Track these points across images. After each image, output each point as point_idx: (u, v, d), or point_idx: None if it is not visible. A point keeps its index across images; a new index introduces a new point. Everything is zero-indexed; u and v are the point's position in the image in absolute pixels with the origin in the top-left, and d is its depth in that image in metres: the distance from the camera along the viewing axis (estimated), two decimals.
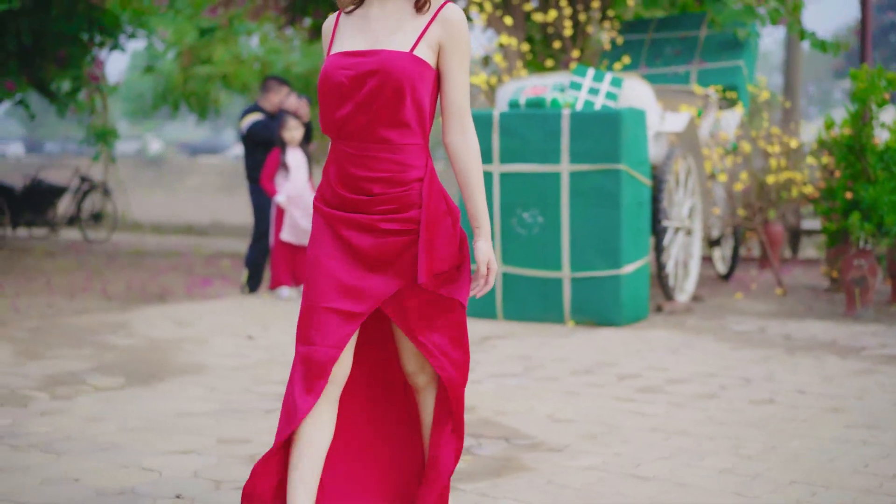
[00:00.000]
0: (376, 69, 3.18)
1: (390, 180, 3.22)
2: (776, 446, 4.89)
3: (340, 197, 3.26)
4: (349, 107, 3.22)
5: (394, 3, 3.28)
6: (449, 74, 3.26)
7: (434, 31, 3.24)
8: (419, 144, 3.24)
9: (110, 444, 4.92)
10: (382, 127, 3.20)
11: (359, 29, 3.29)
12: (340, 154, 3.27)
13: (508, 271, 8.48)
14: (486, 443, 4.98)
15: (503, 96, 9.23)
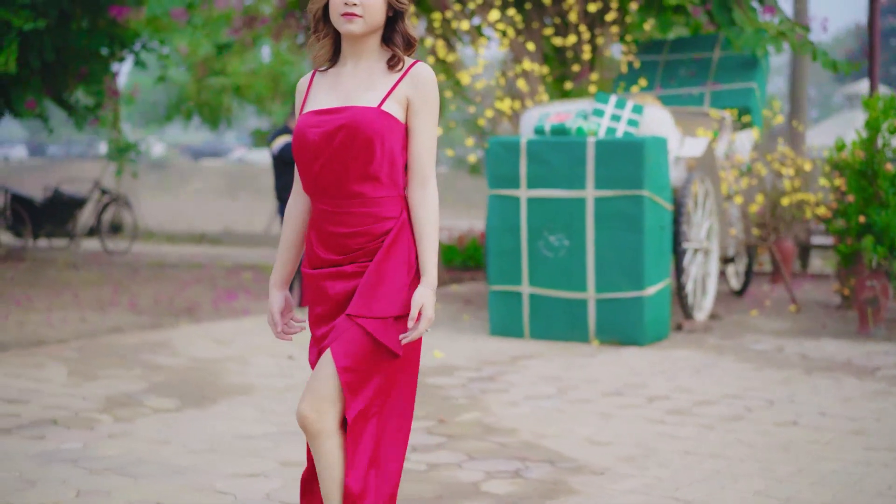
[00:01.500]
0: (345, 124, 3.27)
1: (366, 233, 3.30)
2: (803, 469, 5.23)
3: (321, 259, 3.36)
4: (321, 163, 3.30)
5: (366, 62, 3.36)
6: (416, 131, 3.33)
7: (403, 88, 3.32)
8: (393, 196, 3.32)
9: (180, 467, 5.26)
10: (354, 181, 3.28)
11: (331, 87, 3.38)
12: (318, 213, 3.36)
13: (535, 292, 8.83)
14: (532, 466, 5.31)
15: (528, 122, 9.57)
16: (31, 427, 6.02)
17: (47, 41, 14.95)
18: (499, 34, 10.46)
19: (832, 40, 64.47)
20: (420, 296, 3.28)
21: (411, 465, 5.31)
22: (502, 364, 7.92)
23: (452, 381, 7.31)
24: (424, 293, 3.28)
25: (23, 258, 17.24)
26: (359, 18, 3.26)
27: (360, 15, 3.26)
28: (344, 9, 3.26)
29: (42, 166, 53.68)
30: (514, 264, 8.88)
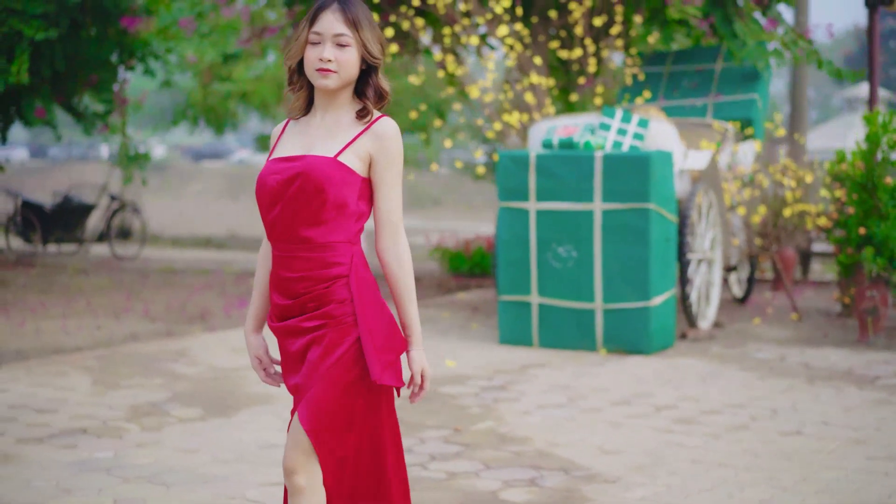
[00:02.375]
0: (300, 172, 3.32)
1: (312, 278, 3.34)
2: (807, 477, 5.46)
3: (277, 306, 3.41)
4: (277, 209, 3.36)
5: (334, 113, 3.42)
6: (380, 186, 3.38)
7: (364, 143, 3.37)
8: (342, 242, 3.36)
9: (210, 476, 5.50)
10: (303, 227, 3.34)
11: (299, 136, 3.44)
12: (274, 259, 3.42)
13: (544, 302, 9.06)
14: (546, 474, 5.55)
15: (536, 135, 9.80)
16: (63, 436, 6.25)
17: (58, 50, 15.18)
18: (506, 48, 10.68)
19: (832, 42, 64.72)
20: (417, 362, 3.37)
21: (431, 474, 5.54)
22: (513, 373, 8.16)
23: (466, 390, 7.54)
24: (420, 356, 3.38)
25: (33, 264, 17.48)
26: (333, 74, 3.33)
27: (334, 70, 3.33)
28: (319, 64, 3.32)
29: (43, 168, 53.91)
30: (524, 275, 9.12)
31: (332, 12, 3.33)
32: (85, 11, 15.28)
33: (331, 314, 3.32)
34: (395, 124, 3.42)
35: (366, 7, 3.37)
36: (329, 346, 3.32)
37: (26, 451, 5.93)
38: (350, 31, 3.33)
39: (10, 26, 13.92)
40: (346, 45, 3.33)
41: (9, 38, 14.03)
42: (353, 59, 3.35)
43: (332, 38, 3.32)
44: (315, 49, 3.34)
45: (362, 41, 3.35)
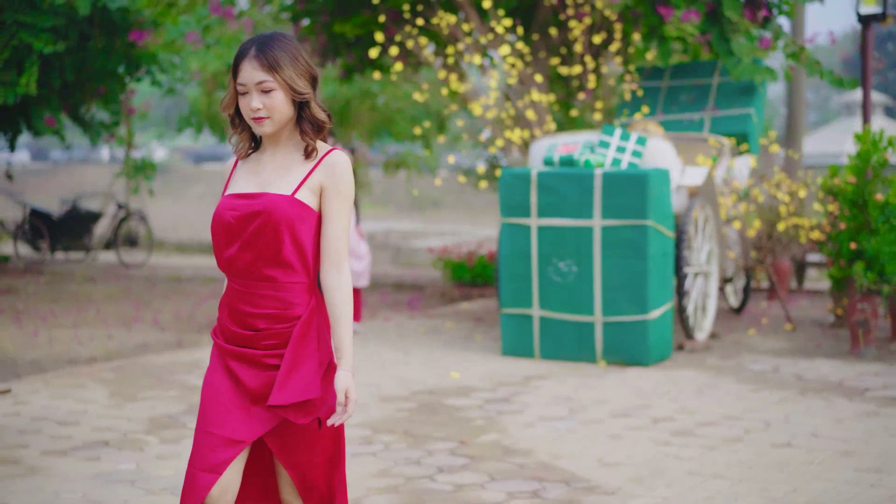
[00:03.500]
0: (260, 211, 3.39)
1: (274, 317, 3.42)
2: (797, 489, 5.75)
3: (231, 332, 3.48)
4: (236, 246, 3.41)
5: (284, 149, 3.49)
6: (328, 216, 3.44)
7: (317, 176, 3.44)
8: (303, 283, 3.45)
9: None
10: (266, 266, 3.41)
11: (251, 173, 3.51)
12: (231, 291, 3.49)
13: (545, 315, 9.35)
14: (549, 486, 5.83)
15: (536, 152, 10.08)
16: (86, 449, 6.54)
17: (68, 62, 15.46)
18: (508, 66, 10.97)
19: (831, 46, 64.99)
20: (343, 381, 3.40)
21: (439, 486, 5.83)
22: (516, 385, 8.44)
23: (470, 402, 7.83)
24: (346, 377, 3.41)
25: (41, 271, 17.77)
26: (266, 120, 3.40)
27: (266, 117, 3.40)
28: (251, 114, 3.40)
29: (45, 171, 54.17)
30: (525, 288, 9.40)
31: (250, 60, 3.38)
32: (93, 24, 15.56)
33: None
34: (346, 157, 3.49)
35: (287, 42, 3.41)
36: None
37: (52, 464, 6.21)
38: (270, 76, 3.36)
39: (20, 39, 14.20)
40: (270, 90, 3.38)
41: (19, 51, 14.31)
42: (280, 101, 3.39)
43: (255, 86, 3.38)
44: (244, 99, 3.42)
45: (285, 81, 3.38)
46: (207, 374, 3.54)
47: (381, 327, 11.35)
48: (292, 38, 3.45)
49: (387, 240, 28.75)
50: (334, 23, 13.45)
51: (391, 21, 12.58)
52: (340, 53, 14.20)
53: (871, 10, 12.14)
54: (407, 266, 21.63)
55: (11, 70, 14.43)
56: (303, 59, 3.43)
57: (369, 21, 13.19)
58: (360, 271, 10.66)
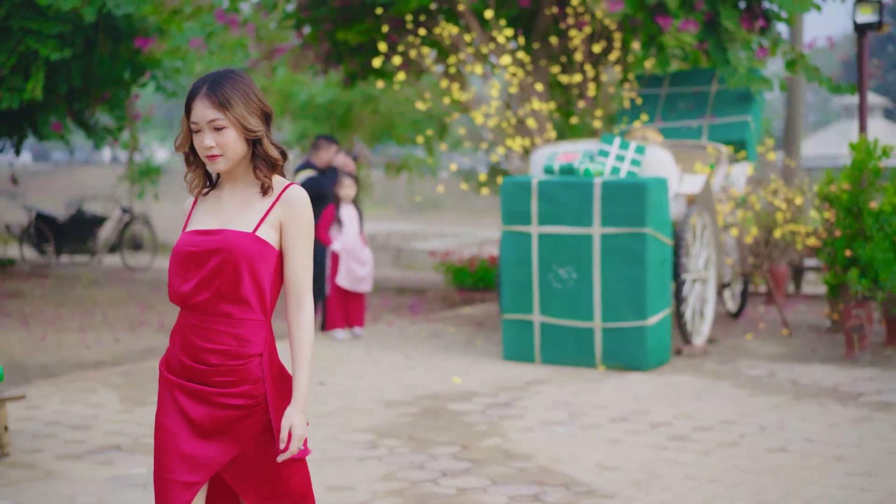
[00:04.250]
0: (219, 247, 3.39)
1: (228, 353, 3.41)
2: (790, 493, 5.92)
3: (182, 364, 3.46)
4: (194, 281, 3.42)
5: (243, 185, 3.50)
6: (289, 253, 3.45)
7: (276, 213, 3.45)
8: (259, 320, 3.44)
9: None
10: (223, 302, 3.41)
11: (211, 209, 3.51)
12: (185, 324, 3.47)
13: (545, 321, 9.53)
14: (549, 490, 6.01)
15: (537, 160, 10.27)
16: (99, 453, 6.72)
17: (74, 68, 15.64)
18: (509, 75, 11.16)
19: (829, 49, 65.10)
20: (288, 417, 3.39)
21: (442, 490, 6.01)
22: (517, 389, 8.62)
23: (472, 407, 8.01)
24: (293, 414, 3.39)
25: (47, 275, 17.96)
26: (219, 158, 3.41)
27: (219, 155, 3.41)
28: (204, 152, 3.42)
29: (47, 172, 54.30)
30: (526, 295, 9.58)
31: (202, 99, 3.39)
32: (98, 30, 15.74)
33: (250, 394, 3.42)
34: (303, 192, 3.49)
35: (239, 79, 3.42)
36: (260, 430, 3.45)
37: (66, 468, 6.40)
38: (222, 114, 3.37)
39: (26, 45, 14.38)
40: (222, 127, 3.39)
41: (25, 57, 14.49)
42: (232, 139, 3.40)
43: (207, 124, 3.39)
44: (197, 137, 3.43)
45: (237, 120, 3.39)
46: (157, 415, 3.51)
47: (384, 332, 11.53)
48: (245, 76, 3.46)
49: (388, 241, 28.90)
50: (337, 30, 13.64)
51: (393, 29, 12.77)
52: (343, 60, 14.39)
53: (867, 18, 12.30)
54: (408, 269, 21.81)
55: (18, 76, 14.61)
56: (255, 97, 3.43)
57: (372, 28, 13.38)
58: (363, 276, 10.84)
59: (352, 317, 11.01)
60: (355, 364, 9.66)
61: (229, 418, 3.43)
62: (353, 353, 10.20)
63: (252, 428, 3.45)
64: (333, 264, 10.86)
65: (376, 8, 12.78)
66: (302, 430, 3.40)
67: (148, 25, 15.90)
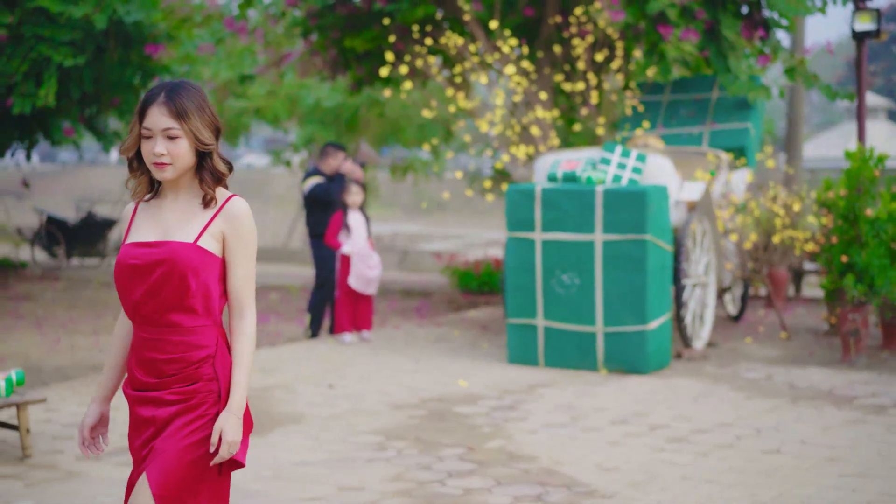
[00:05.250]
0: (163, 259, 3.43)
1: (181, 360, 3.47)
2: (783, 493, 6.16)
3: (139, 381, 3.52)
4: (140, 294, 3.46)
5: (185, 196, 3.54)
6: (232, 264, 3.52)
7: (218, 224, 3.50)
8: (208, 325, 3.49)
9: (253, 492, 6.20)
10: (171, 312, 3.45)
11: (153, 219, 3.53)
12: (138, 339, 3.52)
13: (549, 325, 9.78)
14: (552, 490, 6.25)
15: (541, 167, 10.51)
16: (117, 454, 6.96)
17: (86, 74, 15.89)
18: (514, 84, 11.40)
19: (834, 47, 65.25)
20: (220, 421, 3.44)
21: (449, 490, 6.25)
22: (521, 392, 8.86)
23: (477, 410, 8.25)
24: (225, 418, 3.44)
25: (58, 277, 18.22)
26: (168, 166, 3.45)
27: (168, 163, 3.45)
28: (153, 158, 3.44)
29: (54, 173, 54.67)
30: (530, 300, 9.83)
31: (159, 106, 3.44)
32: (109, 37, 15.99)
33: (197, 391, 3.48)
34: (245, 204, 3.57)
35: (194, 92, 3.48)
36: (192, 419, 3.47)
37: (87, 469, 6.64)
38: (178, 124, 3.42)
39: (38, 52, 14.63)
40: (176, 137, 3.43)
41: (37, 63, 14.74)
42: (184, 149, 3.45)
43: (161, 132, 3.43)
44: (148, 143, 3.46)
45: (191, 131, 3.44)
46: (129, 437, 3.61)
47: (391, 335, 11.77)
48: (199, 89, 3.52)
49: (393, 242, 29.20)
50: (344, 38, 13.88)
51: (400, 38, 13.01)
52: (350, 66, 14.64)
53: (865, 26, 12.55)
54: (414, 271, 22.06)
55: (30, 81, 14.86)
56: (208, 111, 3.50)
57: (378, 36, 13.62)
58: (370, 279, 11.08)
59: (360, 320, 11.25)
60: (363, 367, 9.90)
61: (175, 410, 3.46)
62: (360, 356, 10.44)
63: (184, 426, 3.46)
64: (343, 268, 11.09)
65: (383, 18, 13.03)
66: (234, 435, 3.44)
67: (158, 32, 16.14)
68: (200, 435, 3.48)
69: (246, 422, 3.55)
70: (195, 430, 3.48)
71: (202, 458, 3.48)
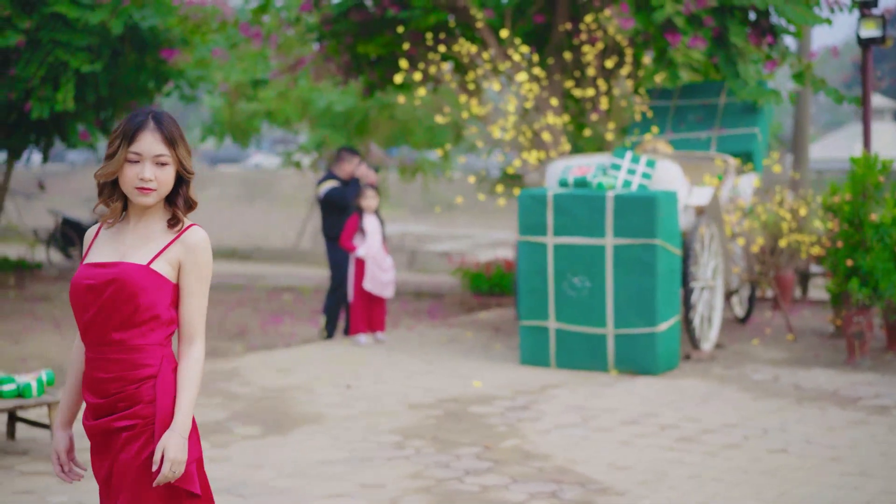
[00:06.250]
0: (113, 279, 3.45)
1: (123, 379, 3.47)
2: (787, 492, 6.40)
3: (91, 405, 3.53)
4: (90, 314, 3.48)
5: (146, 221, 3.55)
6: (185, 292, 3.54)
7: (175, 251, 3.52)
8: (154, 346, 3.50)
9: (278, 489, 6.45)
10: (117, 330, 3.46)
11: (111, 241, 3.55)
12: (87, 361, 3.55)
13: (560, 327, 10.02)
14: (566, 488, 6.49)
15: (552, 173, 10.75)
16: None
17: (101, 78, 16.16)
18: (525, 90, 11.64)
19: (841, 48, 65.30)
20: (164, 440, 3.42)
21: (467, 487, 6.49)
22: (533, 393, 9.10)
23: (492, 410, 8.49)
24: (168, 436, 3.41)
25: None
26: (153, 192, 3.48)
27: (154, 189, 3.48)
28: (139, 183, 3.46)
29: (63, 173, 54.90)
30: (542, 302, 10.07)
31: (151, 132, 3.46)
32: (124, 42, 16.24)
33: (139, 414, 3.47)
34: (204, 234, 3.59)
35: (175, 121, 3.53)
36: (139, 449, 3.48)
37: None
38: (168, 151, 3.47)
39: (55, 57, 14.89)
40: (165, 163, 3.48)
41: (54, 68, 14.99)
42: (170, 176, 3.50)
43: (151, 157, 3.46)
44: (134, 167, 3.46)
45: (179, 158, 3.50)
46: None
47: (404, 337, 12.01)
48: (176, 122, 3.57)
49: (402, 243, 29.39)
50: (357, 43, 14.12)
51: (412, 44, 13.25)
52: (363, 71, 14.88)
53: (871, 33, 12.75)
54: (423, 272, 22.31)
55: (48, 86, 15.11)
56: (185, 140, 3.55)
57: (391, 42, 13.86)
58: (385, 282, 11.32)
59: (374, 322, 11.49)
60: (379, 368, 10.14)
61: (123, 439, 3.48)
62: (375, 357, 10.68)
63: (138, 452, 3.48)
64: (358, 271, 11.33)
65: (397, 25, 13.27)
66: (176, 454, 3.41)
67: (172, 37, 16.39)
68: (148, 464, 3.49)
69: (193, 446, 3.53)
70: (144, 463, 3.49)
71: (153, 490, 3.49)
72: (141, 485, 3.48)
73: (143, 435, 3.49)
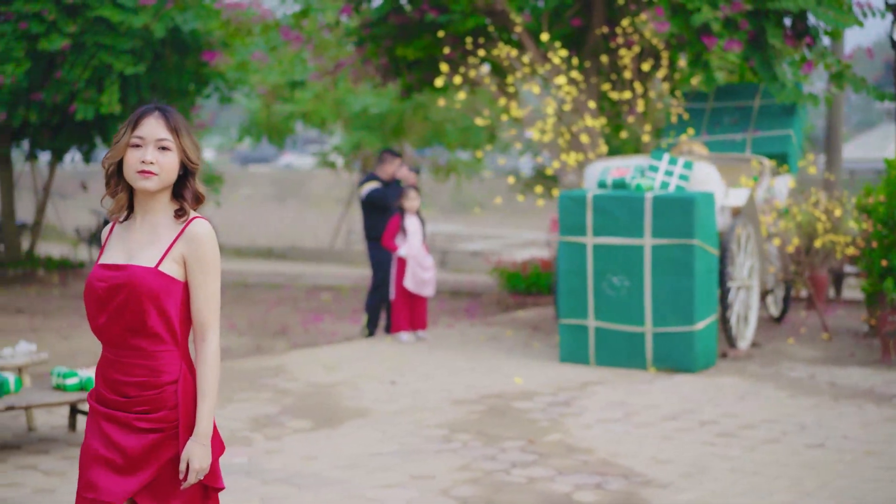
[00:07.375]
0: (125, 283, 3.47)
1: (144, 384, 3.51)
2: (825, 484, 6.59)
3: (104, 397, 3.58)
4: (105, 317, 3.51)
5: (153, 216, 3.57)
6: (194, 287, 3.54)
7: (179, 247, 3.52)
8: (172, 351, 3.54)
9: (332, 479, 6.69)
10: (133, 336, 3.50)
11: (121, 241, 3.57)
12: (104, 359, 3.59)
13: (599, 325, 10.23)
14: (610, 480, 6.71)
15: (591, 174, 10.96)
16: None
17: (144, 81, 16.48)
18: (563, 93, 11.85)
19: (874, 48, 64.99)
20: (188, 450, 3.50)
21: (514, 479, 6.72)
22: (574, 390, 9.32)
23: (534, 405, 8.72)
24: (192, 448, 3.50)
25: None
26: (154, 176, 3.49)
27: (155, 173, 3.49)
28: (141, 166, 3.48)
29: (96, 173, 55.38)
30: (582, 301, 10.28)
31: (155, 118, 3.53)
32: (166, 45, 16.56)
33: (165, 419, 3.53)
34: (207, 226, 3.59)
35: (181, 116, 3.60)
36: (174, 458, 3.56)
37: None
38: (172, 137, 3.52)
39: (99, 60, 15.21)
40: (168, 149, 3.52)
41: (98, 70, 15.32)
42: (173, 163, 3.53)
43: (154, 141, 3.50)
44: (137, 151, 3.50)
45: (182, 147, 3.54)
46: (84, 440, 3.63)
47: (445, 334, 12.25)
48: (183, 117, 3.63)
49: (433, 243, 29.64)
50: (396, 46, 14.38)
51: (451, 47, 13.49)
52: (401, 73, 15.13)
53: None
54: (457, 272, 22.54)
55: (92, 88, 15.44)
56: (193, 136, 3.61)
57: (429, 45, 14.10)
58: (427, 280, 11.56)
59: (415, 320, 11.73)
60: (421, 365, 10.38)
61: (150, 441, 3.53)
62: (418, 354, 10.92)
63: (166, 453, 3.55)
64: (399, 270, 11.57)
65: (436, 29, 13.50)
66: (201, 462, 3.52)
67: (213, 40, 16.69)
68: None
69: (216, 445, 3.63)
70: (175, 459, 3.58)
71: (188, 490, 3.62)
72: (174, 483, 3.61)
73: (172, 438, 3.56)
